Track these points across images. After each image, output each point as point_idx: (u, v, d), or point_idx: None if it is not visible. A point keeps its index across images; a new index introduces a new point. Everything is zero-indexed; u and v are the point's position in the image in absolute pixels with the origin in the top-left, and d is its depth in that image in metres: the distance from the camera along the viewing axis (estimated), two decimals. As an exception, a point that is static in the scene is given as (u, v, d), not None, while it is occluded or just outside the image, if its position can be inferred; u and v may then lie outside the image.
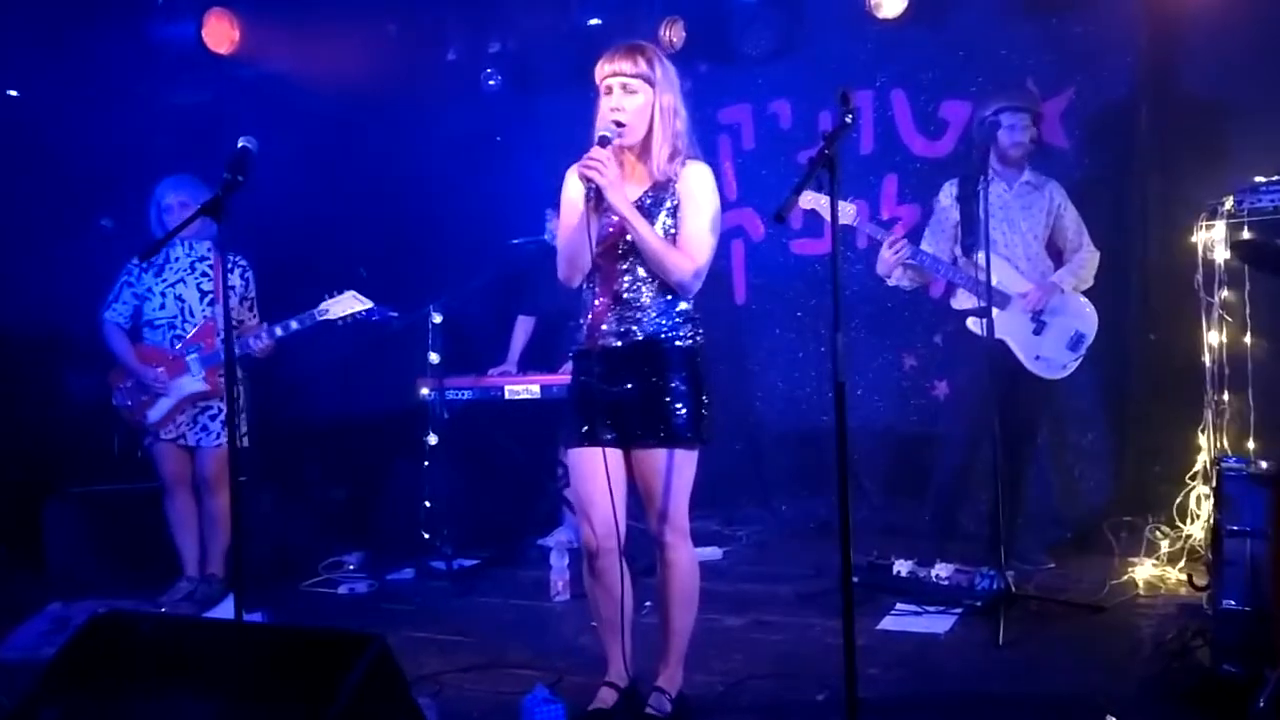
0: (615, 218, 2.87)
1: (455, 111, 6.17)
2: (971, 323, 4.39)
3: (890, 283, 4.51)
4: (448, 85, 6.16)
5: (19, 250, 5.34)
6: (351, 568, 5.06)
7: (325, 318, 4.55)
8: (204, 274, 4.67)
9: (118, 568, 4.92)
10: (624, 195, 2.84)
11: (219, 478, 4.57)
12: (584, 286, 3.00)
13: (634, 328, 2.93)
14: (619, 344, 2.94)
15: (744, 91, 5.87)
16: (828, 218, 3.96)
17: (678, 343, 2.95)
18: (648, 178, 2.95)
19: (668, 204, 2.93)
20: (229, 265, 4.66)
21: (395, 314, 4.78)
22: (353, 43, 5.77)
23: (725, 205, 5.94)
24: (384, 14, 6.01)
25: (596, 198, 2.81)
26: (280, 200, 5.20)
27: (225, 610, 4.16)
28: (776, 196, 2.80)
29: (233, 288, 4.67)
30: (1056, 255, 4.55)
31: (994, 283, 4.10)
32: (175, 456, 4.65)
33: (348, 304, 4.56)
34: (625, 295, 2.94)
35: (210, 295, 4.64)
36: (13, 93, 5.78)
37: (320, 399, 5.70)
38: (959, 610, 3.93)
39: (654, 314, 2.93)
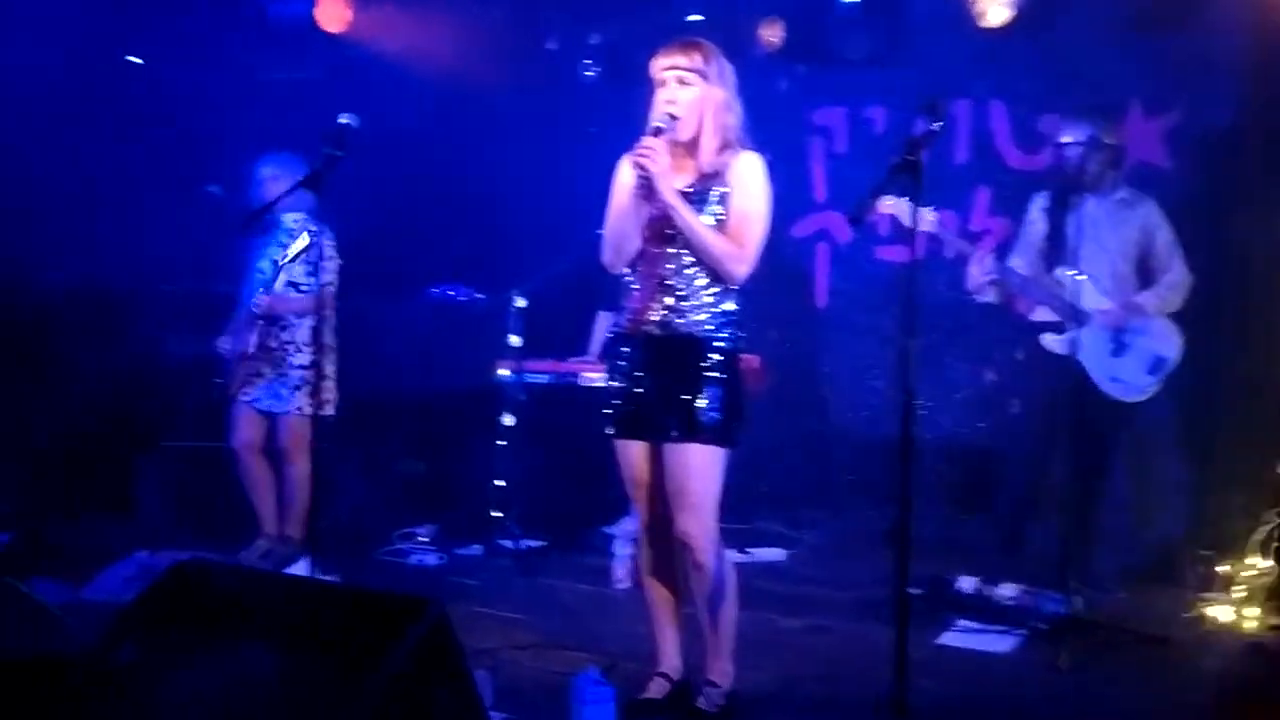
0: (663, 206, 2.91)
1: (551, 100, 6.25)
2: (1047, 339, 4.31)
3: (979, 298, 4.46)
4: (546, 74, 6.24)
5: (131, 212, 5.58)
6: (423, 540, 5.19)
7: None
8: (283, 244, 4.78)
9: (202, 521, 5.12)
10: (671, 184, 2.89)
11: (294, 444, 4.70)
12: (628, 272, 3.04)
13: (677, 319, 2.96)
14: (659, 333, 2.97)
15: (839, 94, 5.84)
16: (907, 223, 3.97)
17: (719, 343, 2.97)
18: (696, 169, 2.99)
19: (716, 193, 2.95)
20: (306, 231, 4.77)
21: (482, 295, 4.89)
22: (457, 27, 5.89)
23: (812, 208, 6.00)
24: (490, 0, 6.12)
25: (646, 186, 2.87)
26: (377, 178, 5.35)
27: (301, 570, 4.31)
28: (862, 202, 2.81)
29: (304, 258, 4.75)
30: (1148, 276, 4.45)
31: (1074, 300, 4.03)
32: (251, 421, 4.79)
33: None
34: (670, 282, 2.97)
35: (286, 266, 4.75)
36: (137, 60, 6.03)
37: (403, 374, 5.84)
38: (1022, 632, 3.88)
39: (699, 311, 2.96)
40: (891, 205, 3.99)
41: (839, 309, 5.92)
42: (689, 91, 2.94)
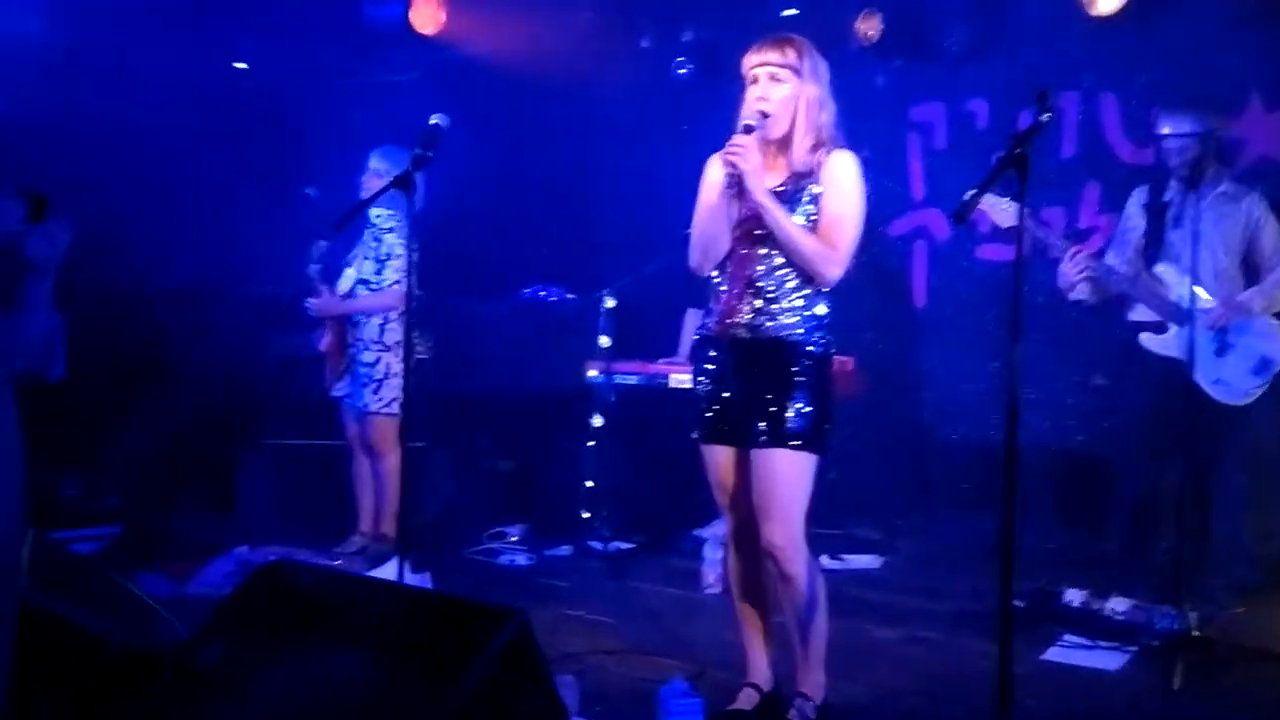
0: (753, 206, 2.83)
1: (644, 98, 6.21)
2: (1145, 338, 4.10)
3: (1072, 296, 4.26)
4: (639, 72, 6.21)
5: (234, 214, 5.72)
6: (513, 539, 5.20)
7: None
8: (372, 242, 4.83)
9: (303, 517, 5.22)
10: (763, 182, 2.81)
11: (382, 442, 4.74)
12: (716, 273, 2.97)
13: (767, 322, 2.87)
14: (748, 336, 2.89)
15: (939, 89, 5.67)
16: (1004, 222, 3.81)
17: (809, 348, 2.88)
18: (788, 168, 2.91)
19: (808, 192, 2.87)
20: (400, 239, 4.82)
21: (572, 296, 4.88)
22: (549, 28, 5.90)
23: (910, 205, 5.84)
24: (582, 1, 6.12)
25: (737, 185, 2.79)
26: (472, 179, 5.38)
27: (392, 568, 4.34)
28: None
29: (398, 260, 4.79)
30: (1253, 273, 4.20)
31: (1175, 298, 3.82)
32: (350, 417, 4.88)
33: None
34: (759, 283, 2.88)
35: (380, 265, 4.79)
36: (242, 65, 6.19)
37: (495, 374, 5.87)
38: (1133, 649, 3.70)
39: (789, 315, 2.87)
40: (989, 205, 3.82)
41: (938, 310, 5.75)
42: (781, 88, 2.86)
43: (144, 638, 2.61)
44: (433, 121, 3.39)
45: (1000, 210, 3.79)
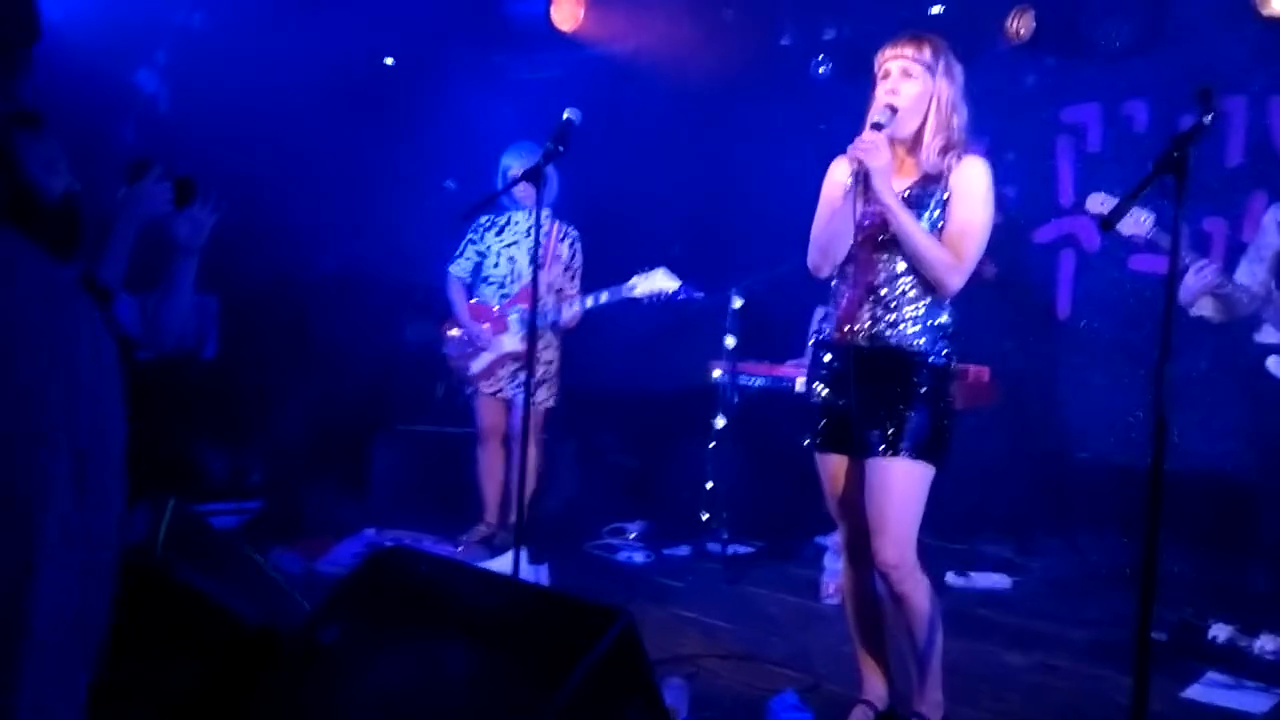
0: (878, 208, 2.72)
1: (783, 97, 6.12)
2: (1272, 362, 3.81)
3: (1193, 313, 3.98)
4: (778, 71, 6.12)
5: (376, 205, 5.89)
6: (632, 536, 5.19)
7: (632, 294, 4.65)
8: (534, 239, 4.88)
9: (429, 503, 5.33)
10: (890, 183, 2.70)
11: (531, 434, 4.80)
12: (835, 277, 2.87)
13: (888, 331, 2.77)
14: (868, 345, 2.79)
15: (1094, 89, 5.40)
16: (1141, 235, 3.58)
17: (931, 359, 2.76)
18: (916, 170, 2.79)
19: (936, 197, 2.75)
20: (561, 235, 4.89)
21: (700, 294, 4.83)
22: (689, 26, 5.87)
23: (1059, 211, 5.58)
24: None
25: (864, 184, 2.68)
26: (609, 175, 5.39)
27: (509, 559, 4.39)
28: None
29: (558, 256, 4.88)
30: None
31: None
32: (491, 409, 4.95)
33: (657, 282, 4.64)
34: (881, 291, 2.78)
35: (536, 259, 4.84)
36: (389, 60, 6.36)
37: (621, 370, 5.88)
38: (1281, 691, 3.46)
39: (911, 324, 2.76)
40: (1132, 223, 3.58)
41: (1083, 321, 5.48)
42: (913, 85, 2.75)
43: (269, 613, 2.68)
44: (565, 116, 3.41)
45: (1135, 221, 3.58)
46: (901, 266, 2.76)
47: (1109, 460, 5.26)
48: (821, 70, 5.95)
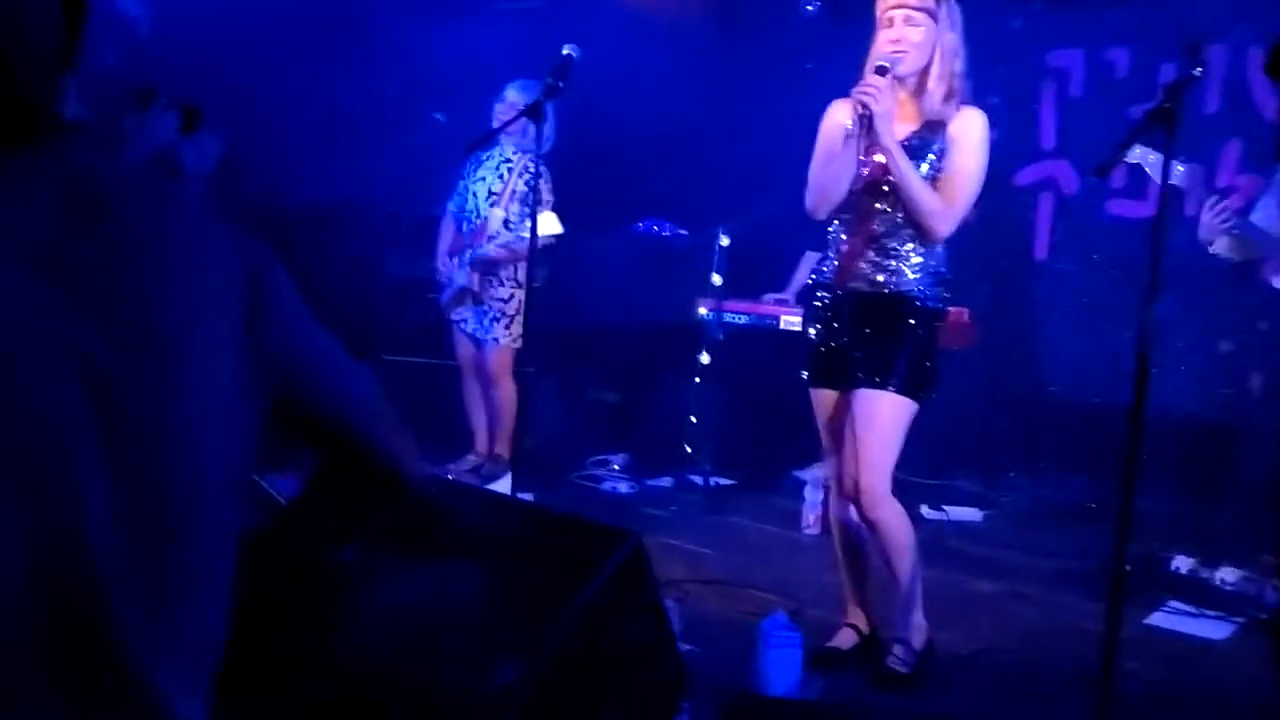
0: (878, 156, 2.78)
1: (769, 35, 6.12)
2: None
3: (1211, 250, 4.09)
4: (764, 8, 6.11)
5: (366, 138, 5.85)
6: (616, 468, 5.30)
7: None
8: (500, 175, 4.90)
9: (417, 434, 5.37)
10: (892, 129, 2.76)
11: (498, 371, 4.87)
12: (832, 222, 2.95)
13: (889, 278, 2.86)
14: (867, 289, 2.88)
15: (1078, 35, 5.46)
16: (1155, 176, 3.67)
17: (926, 303, 2.87)
18: (918, 117, 2.85)
19: (935, 146, 2.82)
20: (524, 170, 4.86)
21: (684, 232, 4.89)
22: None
23: (1039, 155, 5.66)
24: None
25: (866, 128, 2.74)
26: (590, 111, 5.39)
27: (503, 488, 4.49)
28: (1099, 150, 2.63)
29: (515, 191, 4.85)
30: None
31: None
32: (464, 342, 5.01)
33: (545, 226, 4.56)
34: (881, 238, 2.86)
35: (494, 197, 4.85)
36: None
37: (603, 306, 5.93)
38: (1240, 620, 3.63)
39: (911, 270, 2.85)
40: (1139, 156, 3.67)
41: (1059, 264, 5.60)
42: (917, 31, 2.79)
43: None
44: (565, 52, 3.42)
45: (1151, 163, 3.66)
46: (902, 215, 2.84)
47: (1082, 400, 5.41)
48: (810, 8, 5.95)
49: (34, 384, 0.98)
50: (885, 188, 2.83)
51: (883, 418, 2.85)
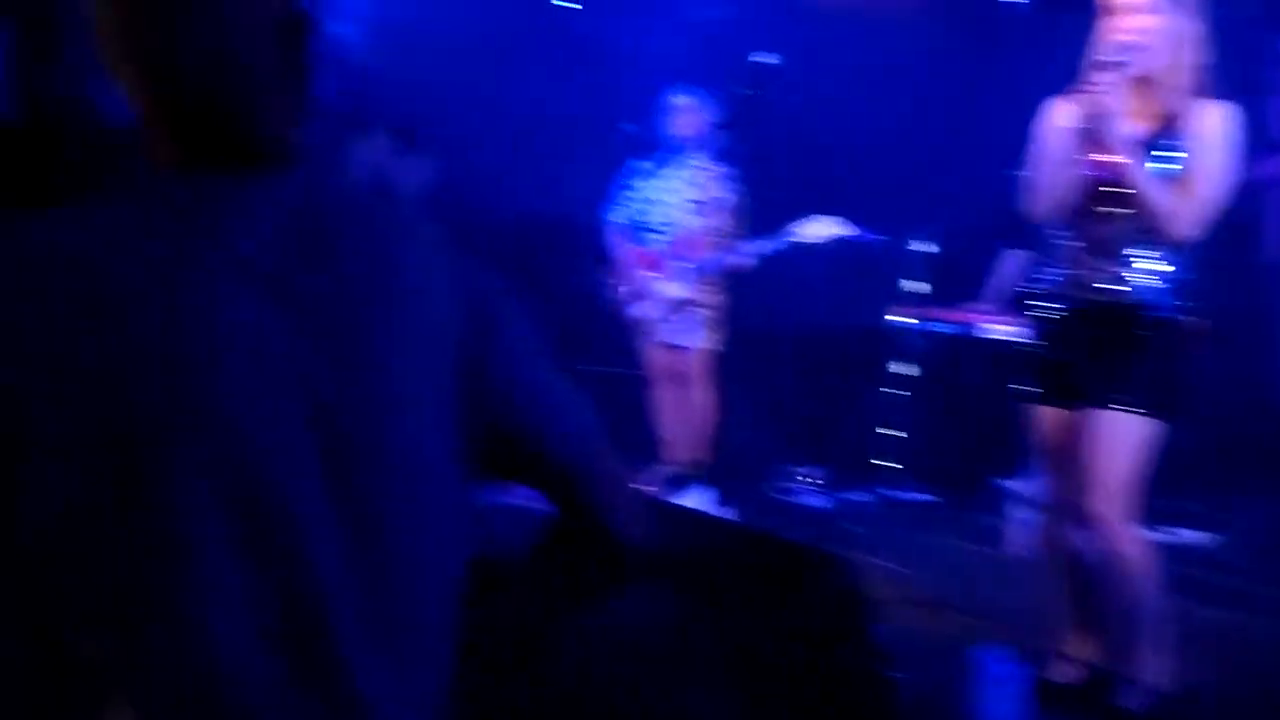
0: (1109, 156, 2.57)
1: (975, 29, 5.89)
2: None
3: None
4: (976, 3, 5.89)
5: (551, 148, 5.96)
6: (813, 481, 5.19)
7: (795, 240, 4.57)
8: (697, 184, 4.87)
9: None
10: (1125, 130, 2.55)
11: (700, 376, 4.85)
12: (1055, 228, 2.75)
13: (1120, 284, 2.65)
14: (1097, 297, 2.68)
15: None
16: None
17: (1163, 313, 2.65)
18: (1156, 115, 2.61)
19: (1174, 145, 2.58)
20: (717, 177, 4.83)
21: (884, 238, 4.75)
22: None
23: (1272, 149, 5.19)
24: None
25: (1096, 130, 2.54)
26: (783, 115, 5.31)
27: (694, 499, 4.47)
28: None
29: (720, 199, 4.83)
30: None
31: None
32: (659, 353, 5.00)
33: (814, 229, 4.54)
34: (1113, 244, 2.65)
35: (695, 206, 4.83)
36: (576, 5, 6.42)
37: (800, 312, 5.83)
38: None
39: (1146, 276, 2.63)
40: None
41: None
42: (1149, 20, 2.58)
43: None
44: (759, 59, 3.35)
45: None
46: (1134, 219, 2.63)
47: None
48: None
49: (263, 413, 0.99)
50: (1119, 191, 2.63)
51: (1126, 441, 2.65)
